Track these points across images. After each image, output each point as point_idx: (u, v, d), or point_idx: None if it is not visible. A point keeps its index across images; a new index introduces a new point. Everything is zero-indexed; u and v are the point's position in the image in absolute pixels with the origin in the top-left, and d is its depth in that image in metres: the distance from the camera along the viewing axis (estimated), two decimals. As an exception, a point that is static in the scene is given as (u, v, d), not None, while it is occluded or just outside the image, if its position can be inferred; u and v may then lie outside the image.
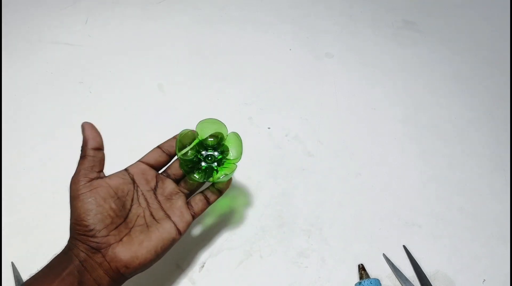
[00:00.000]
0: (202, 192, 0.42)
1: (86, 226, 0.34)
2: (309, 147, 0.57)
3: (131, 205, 0.38)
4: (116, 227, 0.35)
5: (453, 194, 0.53)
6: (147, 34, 0.71)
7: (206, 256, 0.47)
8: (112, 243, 0.35)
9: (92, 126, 0.39)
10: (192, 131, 0.42)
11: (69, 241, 0.35)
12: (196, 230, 0.49)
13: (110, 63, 0.66)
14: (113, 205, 0.36)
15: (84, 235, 0.34)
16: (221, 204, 0.51)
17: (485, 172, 0.56)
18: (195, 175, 0.41)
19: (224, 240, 0.48)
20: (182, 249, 0.47)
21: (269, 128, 0.59)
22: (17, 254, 0.47)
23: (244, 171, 0.54)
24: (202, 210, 0.41)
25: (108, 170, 0.39)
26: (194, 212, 0.40)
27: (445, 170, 0.56)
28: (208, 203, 0.42)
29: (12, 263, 0.46)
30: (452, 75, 0.67)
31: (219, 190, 0.43)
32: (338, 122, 0.60)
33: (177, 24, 0.73)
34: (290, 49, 0.70)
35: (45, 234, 0.48)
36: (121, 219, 0.36)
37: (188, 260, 0.47)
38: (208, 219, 0.50)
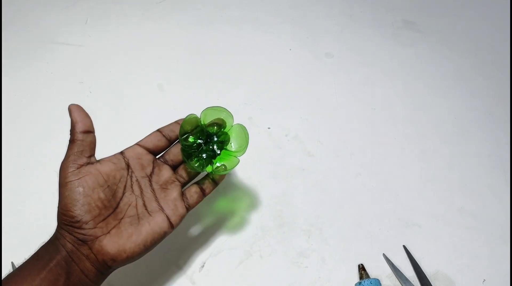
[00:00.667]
0: (197, 182, 0.41)
1: (72, 217, 0.33)
2: (309, 147, 0.57)
3: (123, 193, 0.36)
4: (104, 219, 0.34)
5: (453, 194, 0.53)
6: (147, 34, 0.71)
7: (206, 256, 0.47)
8: (99, 236, 0.33)
9: (79, 108, 0.37)
10: (197, 116, 0.41)
11: (56, 230, 0.34)
12: (196, 230, 0.49)
13: (110, 63, 0.66)
14: (102, 195, 0.34)
15: (70, 225, 0.33)
16: (221, 204, 0.51)
17: (485, 172, 0.56)
18: (193, 162, 0.40)
19: (224, 240, 0.48)
20: (182, 249, 0.47)
21: (269, 128, 0.59)
22: (17, 254, 0.47)
23: (244, 171, 0.54)
24: (197, 203, 0.40)
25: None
26: (188, 204, 0.39)
27: (445, 170, 0.56)
28: (204, 194, 0.40)
29: (12, 263, 0.46)
30: (452, 75, 0.67)
31: (215, 181, 0.41)
32: (338, 122, 0.60)
33: (177, 24, 0.73)
34: (290, 49, 0.70)
35: (45, 234, 0.48)
36: (110, 210, 0.35)
37: (188, 260, 0.47)
38: (208, 219, 0.50)
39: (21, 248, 0.47)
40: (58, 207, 0.34)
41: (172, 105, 0.61)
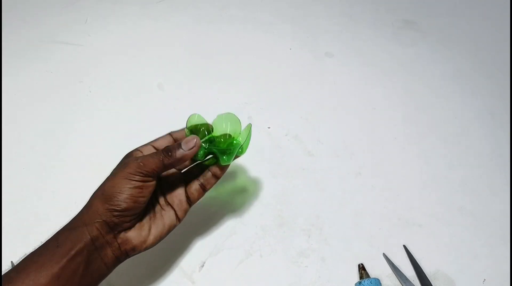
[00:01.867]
0: (198, 179, 0.42)
1: (118, 205, 0.34)
2: (309, 147, 0.57)
3: None
4: (136, 213, 0.36)
5: (453, 194, 0.53)
6: (147, 34, 0.71)
7: (206, 256, 0.47)
8: (126, 228, 0.36)
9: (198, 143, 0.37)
10: (201, 123, 0.42)
11: (82, 214, 0.35)
12: (196, 230, 0.49)
13: (110, 63, 0.66)
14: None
15: (112, 210, 0.34)
16: (221, 204, 0.51)
17: (485, 172, 0.56)
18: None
19: (224, 240, 0.48)
20: (182, 249, 0.47)
21: (269, 127, 0.59)
22: (17, 254, 0.46)
23: (244, 171, 0.54)
24: (198, 198, 0.42)
25: (106, 169, 0.38)
26: (190, 201, 0.41)
27: (445, 170, 0.56)
28: (204, 190, 0.42)
29: (12, 263, 0.46)
30: (452, 75, 0.67)
31: (216, 176, 0.42)
32: (338, 122, 0.60)
33: (177, 24, 0.73)
34: (290, 49, 0.70)
35: (45, 234, 0.48)
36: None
37: (188, 260, 0.47)
38: (208, 219, 0.50)
39: (21, 248, 0.47)
40: (102, 191, 0.35)
41: (172, 104, 0.61)
